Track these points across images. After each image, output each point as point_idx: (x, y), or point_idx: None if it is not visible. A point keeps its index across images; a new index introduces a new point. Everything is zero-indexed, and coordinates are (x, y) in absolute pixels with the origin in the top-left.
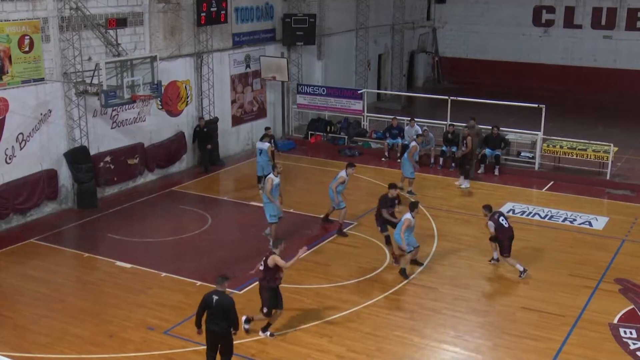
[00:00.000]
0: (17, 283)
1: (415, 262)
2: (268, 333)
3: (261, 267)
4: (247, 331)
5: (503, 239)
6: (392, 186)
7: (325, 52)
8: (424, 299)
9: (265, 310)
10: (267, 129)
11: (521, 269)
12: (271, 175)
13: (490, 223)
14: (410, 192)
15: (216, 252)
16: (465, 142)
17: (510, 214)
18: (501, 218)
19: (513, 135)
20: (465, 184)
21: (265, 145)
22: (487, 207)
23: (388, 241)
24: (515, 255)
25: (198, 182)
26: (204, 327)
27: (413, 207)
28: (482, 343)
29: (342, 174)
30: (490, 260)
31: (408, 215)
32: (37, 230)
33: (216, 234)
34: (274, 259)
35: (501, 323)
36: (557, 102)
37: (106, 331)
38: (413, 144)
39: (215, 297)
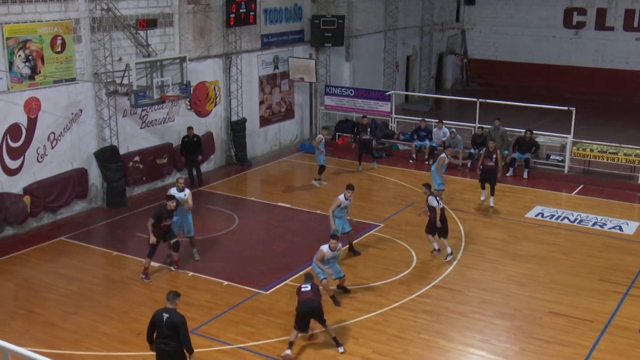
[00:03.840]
0: (48, 280)
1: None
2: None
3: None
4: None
5: (433, 218)
6: (170, 198)
7: (353, 53)
8: (451, 302)
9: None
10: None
11: (437, 247)
12: (172, 190)
13: (432, 198)
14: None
15: (243, 252)
16: (495, 157)
17: (539, 217)
18: (438, 198)
19: (542, 138)
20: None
21: (319, 136)
22: (427, 186)
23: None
24: (544, 258)
25: (226, 182)
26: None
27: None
28: (509, 347)
29: (340, 197)
30: (432, 252)
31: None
32: (67, 229)
33: (243, 234)
34: None
35: (528, 327)
36: (588, 104)
37: (134, 329)
38: (442, 155)
39: (165, 315)
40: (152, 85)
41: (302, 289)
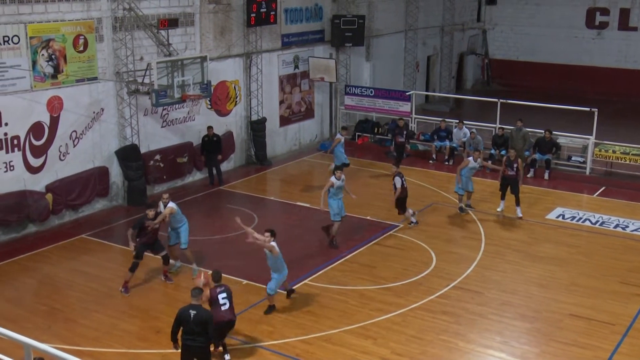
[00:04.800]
0: (69, 277)
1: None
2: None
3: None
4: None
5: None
6: (149, 206)
7: (373, 53)
8: (470, 304)
9: None
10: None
11: (410, 214)
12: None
13: (397, 178)
14: (461, 209)
15: (262, 251)
16: (516, 165)
17: (560, 219)
18: (403, 179)
19: (564, 139)
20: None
21: (338, 135)
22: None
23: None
24: (565, 260)
25: (245, 181)
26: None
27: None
28: (529, 349)
29: (332, 179)
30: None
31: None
32: (88, 226)
33: (262, 233)
34: None
35: (548, 330)
36: (610, 105)
37: (153, 327)
38: (468, 158)
39: (192, 312)
40: (173, 84)
41: (222, 307)
